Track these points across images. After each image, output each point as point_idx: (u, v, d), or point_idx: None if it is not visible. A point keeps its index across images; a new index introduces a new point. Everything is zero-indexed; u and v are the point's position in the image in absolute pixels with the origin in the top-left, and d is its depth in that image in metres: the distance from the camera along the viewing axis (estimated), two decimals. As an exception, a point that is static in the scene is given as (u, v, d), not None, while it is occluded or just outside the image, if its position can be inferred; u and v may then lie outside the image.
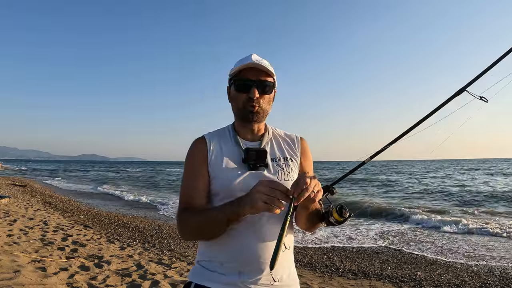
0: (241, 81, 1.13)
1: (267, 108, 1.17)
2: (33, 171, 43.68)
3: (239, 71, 1.14)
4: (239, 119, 1.20)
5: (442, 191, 17.11)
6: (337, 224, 1.13)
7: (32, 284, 3.26)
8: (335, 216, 1.11)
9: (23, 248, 4.63)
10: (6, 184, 17.37)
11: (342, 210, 1.11)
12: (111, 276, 3.79)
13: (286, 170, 1.17)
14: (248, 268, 1.06)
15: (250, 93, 1.11)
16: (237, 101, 1.15)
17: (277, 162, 1.18)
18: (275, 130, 1.28)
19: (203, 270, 1.12)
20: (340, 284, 4.50)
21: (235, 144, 1.18)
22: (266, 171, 1.14)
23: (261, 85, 1.13)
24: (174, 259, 5.03)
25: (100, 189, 20.40)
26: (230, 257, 1.07)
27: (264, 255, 1.06)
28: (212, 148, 1.16)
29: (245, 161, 1.13)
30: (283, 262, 1.11)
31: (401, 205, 11.95)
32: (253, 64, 1.11)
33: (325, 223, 1.15)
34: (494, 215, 10.41)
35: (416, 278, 4.80)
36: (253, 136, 1.21)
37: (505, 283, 4.64)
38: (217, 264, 1.10)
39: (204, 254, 1.15)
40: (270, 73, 1.14)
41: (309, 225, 1.19)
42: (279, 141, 1.25)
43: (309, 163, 1.28)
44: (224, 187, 1.11)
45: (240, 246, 1.07)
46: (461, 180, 24.01)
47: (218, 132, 1.24)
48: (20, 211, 8.10)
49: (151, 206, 12.96)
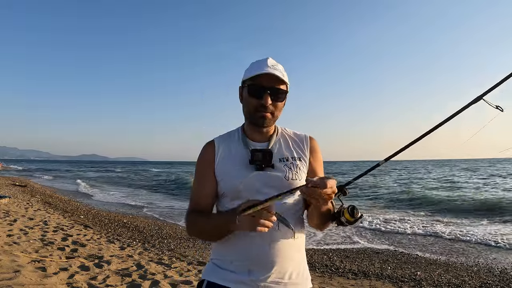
0: (255, 87, 1.14)
1: (277, 114, 1.19)
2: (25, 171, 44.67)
3: (253, 76, 1.14)
4: (249, 122, 1.22)
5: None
6: (348, 224, 1.13)
7: (32, 284, 3.26)
8: (346, 216, 1.12)
9: (23, 248, 4.63)
10: (6, 184, 17.36)
11: (354, 211, 1.12)
12: (111, 276, 3.79)
13: (294, 169, 1.18)
14: (258, 267, 1.09)
15: (262, 99, 1.13)
16: (249, 105, 1.16)
17: (285, 162, 1.19)
18: (284, 130, 1.29)
19: (215, 268, 1.16)
20: (340, 284, 4.50)
21: (243, 145, 1.20)
22: (273, 172, 1.15)
23: (274, 93, 1.14)
24: (174, 259, 5.03)
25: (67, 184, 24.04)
26: (240, 256, 1.11)
27: (273, 253, 1.09)
28: (220, 151, 1.20)
29: (252, 162, 1.15)
30: (289, 256, 1.13)
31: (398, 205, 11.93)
32: (268, 72, 1.12)
33: (336, 222, 1.16)
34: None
35: (416, 278, 4.80)
36: (262, 137, 1.23)
37: (505, 283, 4.64)
38: (227, 262, 1.14)
39: (216, 253, 1.19)
40: (284, 81, 1.15)
41: (320, 224, 1.20)
42: (288, 141, 1.26)
43: (319, 163, 1.28)
44: (230, 189, 1.15)
45: (249, 245, 1.10)
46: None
47: (229, 134, 1.27)
48: (20, 211, 8.10)
49: (86, 195, 17.05)
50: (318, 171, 1.27)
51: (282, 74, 1.14)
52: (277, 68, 1.14)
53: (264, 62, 1.15)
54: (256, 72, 1.13)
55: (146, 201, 14.69)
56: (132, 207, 12.59)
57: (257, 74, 1.13)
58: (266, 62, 1.15)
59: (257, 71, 1.13)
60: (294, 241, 1.15)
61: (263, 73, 1.12)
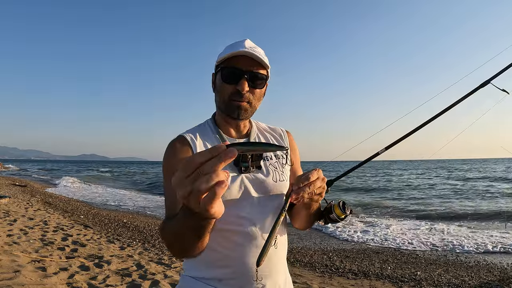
0: (229, 70, 0.96)
1: (256, 104, 1.01)
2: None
3: (228, 58, 0.96)
4: (223, 114, 1.03)
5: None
6: (339, 220, 1.05)
7: (32, 284, 3.26)
8: (337, 212, 1.04)
9: (23, 248, 4.63)
10: (6, 184, 17.36)
11: (345, 206, 1.04)
12: (111, 276, 3.79)
13: (279, 169, 1.04)
14: (250, 286, 0.95)
15: (238, 85, 0.95)
16: (223, 93, 0.98)
17: (269, 161, 1.04)
18: (258, 124, 1.14)
19: (197, 283, 0.98)
20: (340, 284, 4.50)
21: (221, 143, 1.04)
22: (259, 174, 1.01)
23: (253, 78, 0.96)
24: (174, 259, 5.02)
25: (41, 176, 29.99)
26: (230, 273, 0.95)
27: (268, 266, 0.98)
28: (198, 149, 0.98)
29: (238, 164, 0.98)
30: (279, 267, 1.02)
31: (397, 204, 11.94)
32: (245, 52, 0.94)
33: (323, 221, 1.08)
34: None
35: (416, 278, 4.80)
36: (238, 132, 1.06)
37: (505, 283, 4.64)
38: (214, 280, 0.97)
39: (194, 268, 1.01)
40: (264, 65, 0.97)
41: (307, 225, 1.09)
42: (267, 136, 1.11)
43: (298, 158, 1.17)
44: None
45: (244, 263, 0.95)
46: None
47: (199, 128, 1.06)
48: (20, 211, 8.10)
49: (49, 182, 20.77)
50: (298, 169, 1.15)
51: (262, 57, 0.95)
52: (256, 50, 0.96)
53: (241, 43, 0.97)
54: (231, 52, 0.94)
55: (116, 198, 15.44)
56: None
57: (232, 55, 0.95)
58: (244, 43, 0.97)
59: (233, 51, 0.94)
60: (282, 251, 1.04)
61: (240, 53, 0.94)
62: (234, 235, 0.95)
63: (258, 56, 0.94)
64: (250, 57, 0.95)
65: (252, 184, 0.99)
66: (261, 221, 0.98)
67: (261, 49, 1.00)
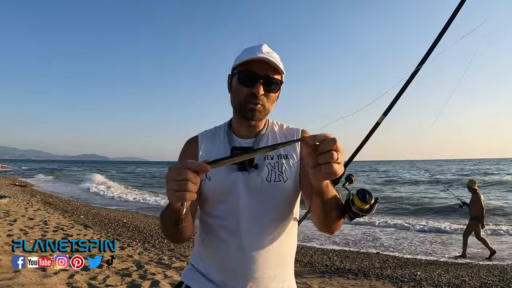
0: (246, 74, 1.00)
1: (269, 107, 1.05)
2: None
3: (245, 62, 1.00)
4: (237, 114, 1.08)
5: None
6: (362, 213, 0.93)
7: (32, 284, 3.26)
8: (357, 204, 0.91)
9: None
10: (6, 184, 17.36)
11: (366, 195, 0.91)
12: (111, 276, 3.79)
13: (278, 169, 1.03)
14: (233, 283, 1.00)
15: (254, 88, 0.99)
16: (239, 94, 1.03)
17: (268, 161, 1.04)
18: (275, 124, 1.15)
19: (195, 273, 1.08)
20: (340, 284, 4.50)
21: (227, 142, 1.08)
22: (255, 173, 1.02)
23: (268, 82, 1.00)
24: (174, 259, 5.02)
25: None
26: (216, 269, 1.02)
27: (250, 268, 0.99)
28: (203, 148, 1.09)
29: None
30: (274, 268, 1.01)
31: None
32: (262, 58, 0.98)
33: (348, 217, 0.96)
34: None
35: (416, 278, 4.80)
36: (249, 132, 1.09)
37: (505, 283, 4.64)
38: (206, 270, 1.05)
39: (196, 257, 1.10)
40: (280, 70, 1.02)
41: (328, 221, 0.94)
42: (277, 137, 1.11)
43: None
44: (211, 192, 1.02)
45: (225, 260, 1.00)
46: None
47: (215, 129, 1.15)
48: (20, 211, 8.10)
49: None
50: None
51: (278, 62, 1.00)
52: (273, 56, 1.01)
53: (258, 48, 1.02)
54: (249, 57, 0.99)
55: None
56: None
57: (250, 60, 0.99)
58: (261, 48, 1.02)
59: (250, 56, 0.99)
60: (278, 248, 1.02)
61: (257, 58, 0.98)
62: (220, 230, 1.02)
63: (274, 61, 0.99)
64: (267, 62, 0.99)
65: (245, 182, 1.01)
66: (247, 219, 0.99)
67: (277, 55, 1.05)
